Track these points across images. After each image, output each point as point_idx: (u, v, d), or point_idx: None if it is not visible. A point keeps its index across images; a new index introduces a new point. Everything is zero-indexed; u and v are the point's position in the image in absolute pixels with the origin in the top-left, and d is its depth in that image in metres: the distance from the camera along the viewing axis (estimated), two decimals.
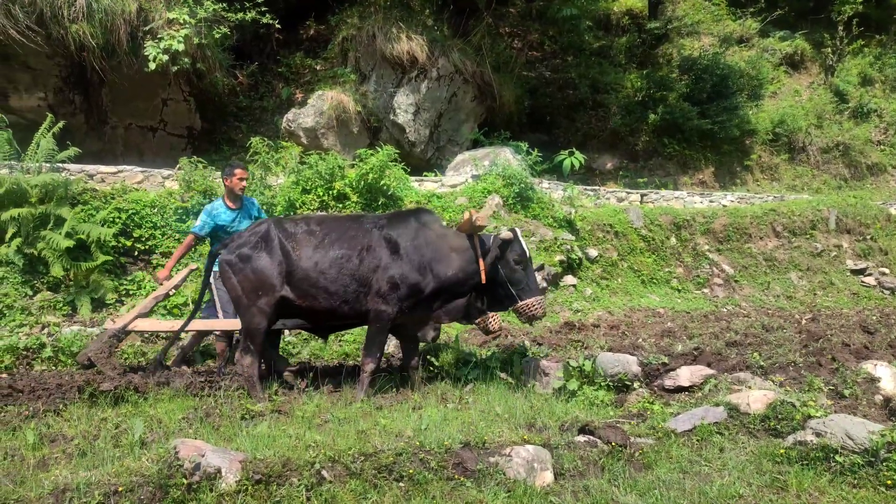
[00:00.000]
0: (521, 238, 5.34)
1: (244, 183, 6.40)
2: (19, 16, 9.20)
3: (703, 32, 17.85)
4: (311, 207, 9.49)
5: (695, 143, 15.41)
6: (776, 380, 5.22)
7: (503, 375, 5.97)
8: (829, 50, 18.60)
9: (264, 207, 9.15)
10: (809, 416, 4.15)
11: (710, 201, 13.76)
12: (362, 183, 9.73)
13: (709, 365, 5.75)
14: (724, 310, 10.83)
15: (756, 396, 4.44)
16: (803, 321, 9.58)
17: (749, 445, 3.99)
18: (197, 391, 5.42)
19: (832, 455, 3.66)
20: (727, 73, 15.28)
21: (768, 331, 8.47)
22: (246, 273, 5.18)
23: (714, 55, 15.84)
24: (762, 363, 5.85)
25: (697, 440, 4.07)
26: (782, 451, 3.82)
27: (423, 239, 5.33)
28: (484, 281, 5.25)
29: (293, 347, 7.45)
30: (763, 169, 16.36)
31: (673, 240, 12.28)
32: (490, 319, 5.63)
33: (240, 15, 10.80)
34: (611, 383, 5.62)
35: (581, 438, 3.89)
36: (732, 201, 13.96)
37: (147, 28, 10.16)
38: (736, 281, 12.08)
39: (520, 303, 5.22)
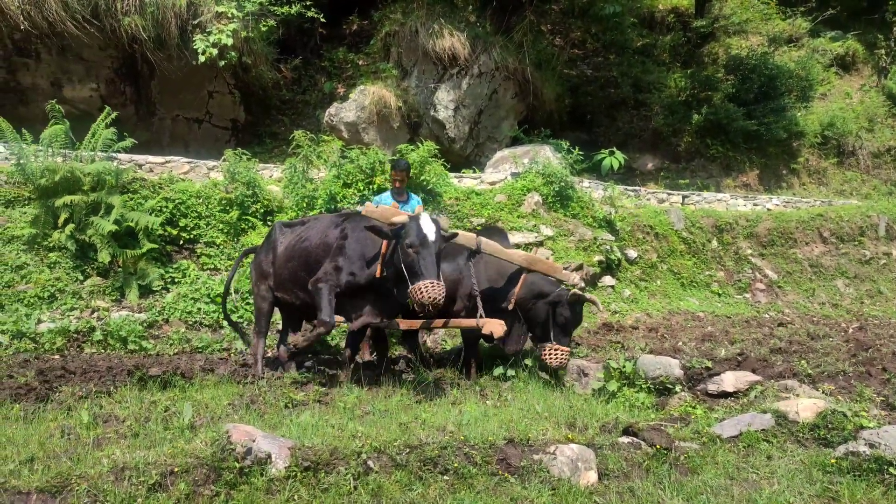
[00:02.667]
0: (421, 221, 4.90)
1: (398, 183, 6.84)
2: (76, 8, 9.48)
3: (751, 31, 17.42)
4: (352, 202, 9.56)
5: (739, 145, 15.08)
6: (825, 388, 5.09)
7: (542, 374, 5.95)
8: (883, 51, 17.99)
9: (305, 201, 9.27)
10: (861, 427, 4.04)
11: (755, 204, 13.44)
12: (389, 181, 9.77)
13: (754, 371, 5.63)
14: (767, 316, 10.59)
15: (805, 405, 4.33)
16: (850, 330, 9.32)
17: (798, 454, 3.90)
18: (240, 378, 5.54)
19: (886, 467, 3.56)
20: (775, 73, 14.89)
21: (814, 339, 8.28)
22: (253, 265, 6.10)
23: (762, 55, 15.46)
24: (810, 371, 5.71)
25: (744, 447, 4.00)
26: (833, 461, 3.73)
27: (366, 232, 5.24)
28: (378, 275, 5.07)
29: (331, 339, 7.53)
30: (810, 172, 15.93)
31: (714, 243, 12.06)
32: (547, 353, 5.69)
33: (285, 9, 10.94)
34: (652, 386, 5.55)
35: (625, 440, 3.86)
36: (777, 205, 13.63)
37: (196, 21, 10.37)
38: (779, 287, 11.80)
39: (410, 287, 4.75)
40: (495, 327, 5.44)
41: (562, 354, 5.68)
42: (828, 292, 11.99)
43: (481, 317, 5.49)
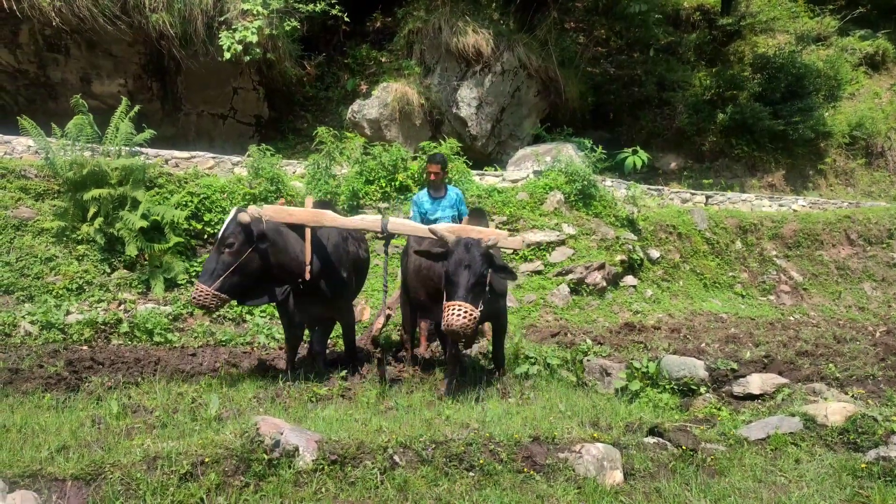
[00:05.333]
0: (229, 218, 4.90)
1: (433, 176, 6.52)
2: (105, 4, 9.61)
3: (779, 30, 17.15)
4: (374, 198, 9.61)
5: (765, 145, 14.86)
6: (854, 392, 5.01)
7: (565, 373, 5.93)
8: None
9: (328, 197, 9.32)
10: (892, 432, 3.97)
11: (780, 205, 13.26)
12: (424, 175, 9.79)
13: (780, 373, 5.56)
14: (792, 318, 10.44)
15: (835, 408, 4.27)
16: (878, 334, 9.16)
17: (827, 458, 3.84)
18: (264, 372, 5.59)
19: None
20: (803, 72, 14.65)
21: (840, 342, 8.15)
22: None
23: (790, 53, 15.21)
24: (838, 375, 5.63)
25: (771, 450, 3.95)
26: (863, 465, 3.67)
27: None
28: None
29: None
30: (837, 173, 15.66)
31: (738, 244, 11.91)
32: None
33: (310, 6, 10.98)
34: (675, 386, 5.51)
35: (650, 440, 3.83)
36: (804, 206, 13.42)
37: (222, 18, 10.46)
38: (805, 289, 11.63)
39: None
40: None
41: (452, 311, 4.43)
42: (854, 295, 11.79)
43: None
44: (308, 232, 5.08)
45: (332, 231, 5.36)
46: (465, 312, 4.41)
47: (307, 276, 5.02)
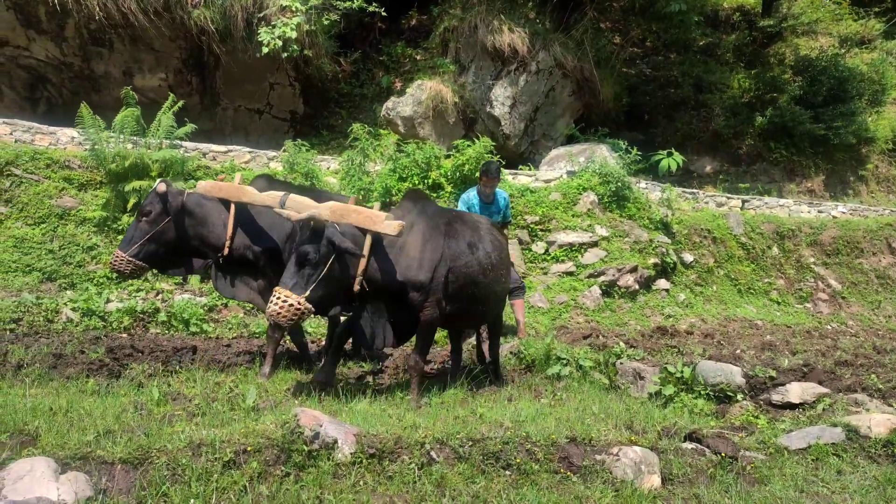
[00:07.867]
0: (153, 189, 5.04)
1: (487, 189, 6.54)
2: (149, 0, 9.81)
3: (821, 32, 16.76)
4: None
5: (805, 149, 14.53)
6: None
7: (597, 375, 5.88)
8: None
9: (361, 193, 9.38)
10: None
11: (819, 211, 12.97)
12: (457, 174, 9.79)
13: (820, 383, 5.44)
14: (829, 327, 10.22)
15: (878, 420, 4.17)
16: None
17: (870, 470, 3.75)
18: (297, 365, 5.66)
19: None
20: (846, 76, 14.28)
21: (880, 352, 7.97)
22: None
23: (833, 56, 14.84)
24: (880, 386, 5.49)
25: (812, 460, 3.87)
26: None
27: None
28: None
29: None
30: (879, 180, 15.26)
31: (775, 249, 11.68)
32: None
33: (348, 3, 11.05)
34: (711, 392, 5.44)
35: (688, 445, 3.78)
36: (844, 213, 13.11)
37: (261, 15, 10.59)
38: (843, 297, 11.36)
39: None
40: None
41: (270, 299, 4.12)
42: (894, 305, 11.48)
43: None
44: (232, 207, 5.06)
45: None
46: (281, 301, 3.99)
47: (225, 251, 5.07)
